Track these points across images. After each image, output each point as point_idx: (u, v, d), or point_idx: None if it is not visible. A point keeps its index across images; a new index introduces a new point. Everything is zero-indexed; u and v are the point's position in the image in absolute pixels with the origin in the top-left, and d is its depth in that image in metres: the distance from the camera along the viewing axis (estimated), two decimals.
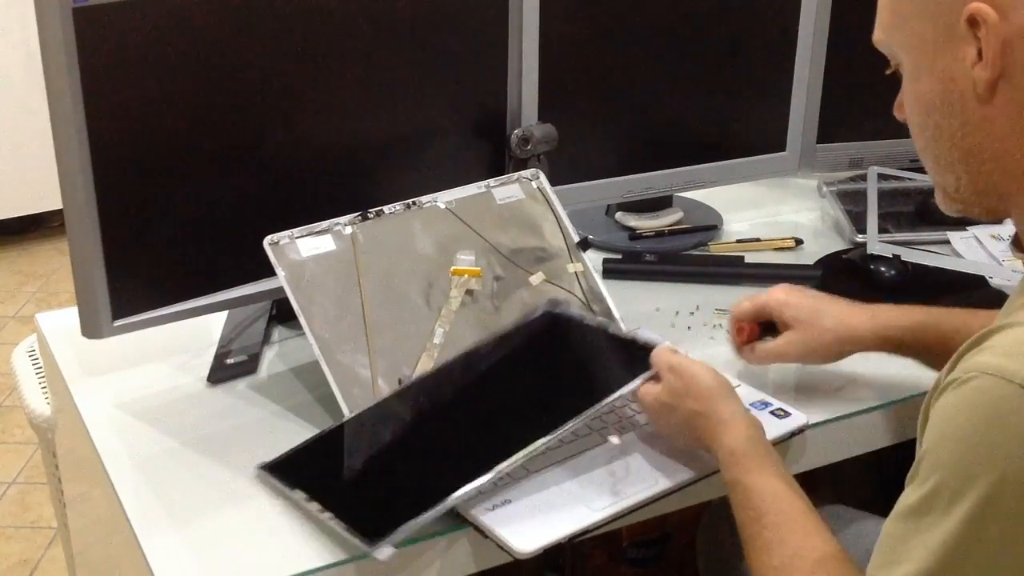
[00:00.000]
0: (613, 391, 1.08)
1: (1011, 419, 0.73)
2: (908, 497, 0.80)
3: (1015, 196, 0.86)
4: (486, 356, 1.19)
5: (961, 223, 1.60)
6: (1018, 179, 0.85)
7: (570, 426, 1.05)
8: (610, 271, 1.54)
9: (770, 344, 1.21)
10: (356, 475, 1.08)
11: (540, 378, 1.18)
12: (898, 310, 1.19)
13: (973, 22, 0.81)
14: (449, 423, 1.12)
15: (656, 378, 1.08)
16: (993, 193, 0.88)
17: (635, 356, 1.12)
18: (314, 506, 1.01)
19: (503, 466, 1.01)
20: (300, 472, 1.08)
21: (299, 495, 1.04)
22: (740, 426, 1.01)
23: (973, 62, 0.82)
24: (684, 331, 1.38)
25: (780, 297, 1.21)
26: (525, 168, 1.38)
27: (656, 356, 1.09)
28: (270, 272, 1.17)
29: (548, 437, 1.04)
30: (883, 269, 1.50)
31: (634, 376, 1.09)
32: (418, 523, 0.96)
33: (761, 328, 1.23)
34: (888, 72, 0.93)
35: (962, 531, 0.75)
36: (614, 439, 1.07)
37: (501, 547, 0.99)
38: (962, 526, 0.75)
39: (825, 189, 1.78)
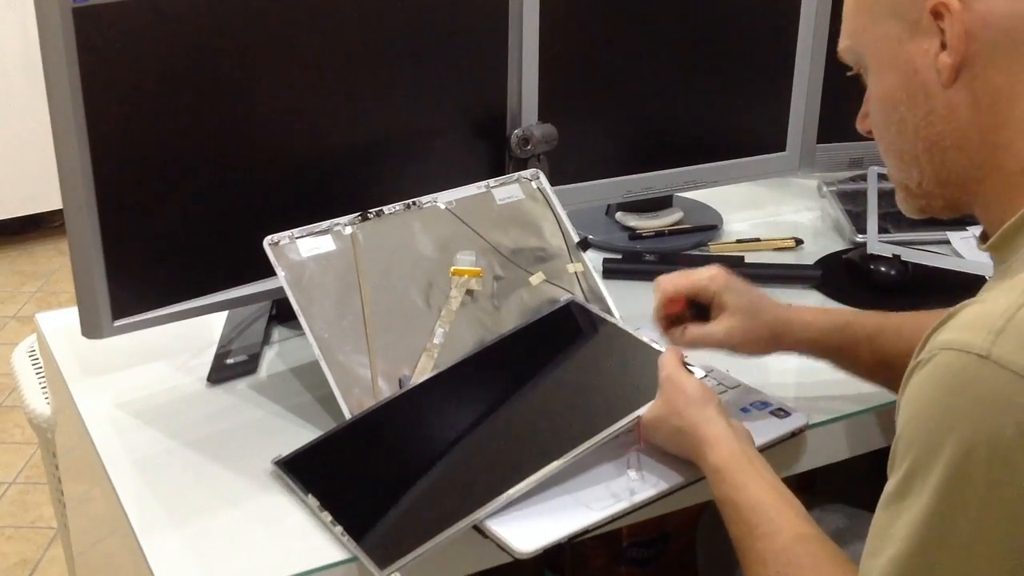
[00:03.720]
0: (626, 412, 1.08)
1: (971, 387, 0.74)
2: (889, 485, 0.80)
3: (975, 184, 0.90)
4: (506, 352, 1.20)
5: (961, 223, 1.60)
6: (978, 165, 0.88)
7: (583, 449, 1.05)
8: (610, 271, 1.54)
9: (706, 328, 1.16)
10: (369, 485, 1.07)
11: (557, 385, 1.18)
12: (823, 311, 1.20)
13: (937, 13, 0.86)
14: (464, 431, 1.12)
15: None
16: (955, 184, 0.91)
17: (648, 365, 1.12)
18: (326, 516, 1.02)
19: (512, 491, 1.01)
20: (314, 472, 1.08)
21: (313, 502, 1.04)
22: (723, 444, 1.01)
23: (936, 52, 0.87)
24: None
25: (722, 280, 1.17)
26: (525, 168, 1.38)
27: (660, 364, 1.10)
28: (270, 272, 1.17)
29: (561, 461, 1.04)
30: (883, 269, 1.50)
31: (646, 391, 1.10)
32: (426, 548, 0.97)
33: (690, 308, 1.19)
34: (849, 75, 0.99)
35: (937, 502, 0.75)
36: (632, 473, 1.07)
37: (501, 547, 0.99)
38: (937, 497, 0.75)
39: (825, 189, 1.78)
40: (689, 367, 1.10)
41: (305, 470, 1.08)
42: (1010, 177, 0.87)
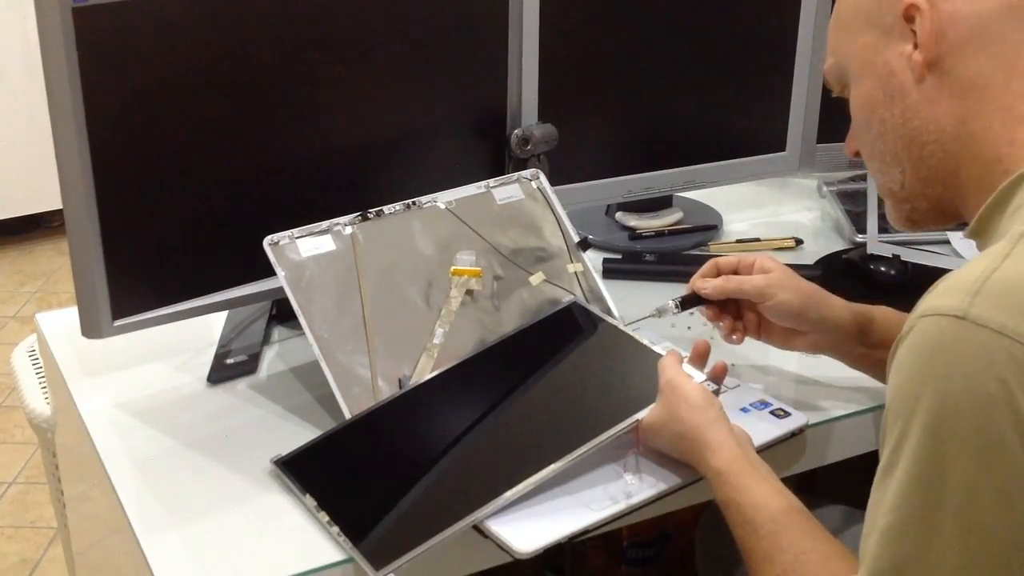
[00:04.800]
0: (626, 415, 1.08)
1: (951, 348, 0.74)
2: (879, 464, 0.80)
3: (954, 177, 0.92)
4: (506, 353, 1.21)
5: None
6: (955, 156, 0.91)
7: (582, 452, 1.05)
8: (610, 271, 1.54)
9: (747, 277, 1.20)
10: (368, 486, 1.07)
11: (558, 386, 1.18)
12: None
13: (909, 16, 0.91)
14: (463, 432, 1.12)
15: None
16: (935, 180, 0.94)
17: (648, 368, 1.12)
18: (324, 516, 1.02)
19: (510, 494, 1.01)
20: (313, 472, 1.08)
21: (310, 502, 1.04)
22: (724, 448, 1.01)
23: (910, 53, 0.91)
24: (684, 331, 1.38)
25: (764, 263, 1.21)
26: (525, 168, 1.38)
27: (660, 367, 1.10)
28: (270, 272, 1.17)
29: (560, 463, 1.04)
30: (883, 269, 1.50)
31: (646, 395, 1.10)
32: (423, 549, 0.97)
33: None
34: (834, 95, 1.04)
35: (921, 463, 0.75)
36: (629, 477, 1.07)
37: (501, 547, 0.99)
38: (920, 458, 0.75)
39: (825, 189, 1.78)
40: (689, 371, 1.10)
41: (304, 470, 1.08)
42: (986, 165, 0.89)
